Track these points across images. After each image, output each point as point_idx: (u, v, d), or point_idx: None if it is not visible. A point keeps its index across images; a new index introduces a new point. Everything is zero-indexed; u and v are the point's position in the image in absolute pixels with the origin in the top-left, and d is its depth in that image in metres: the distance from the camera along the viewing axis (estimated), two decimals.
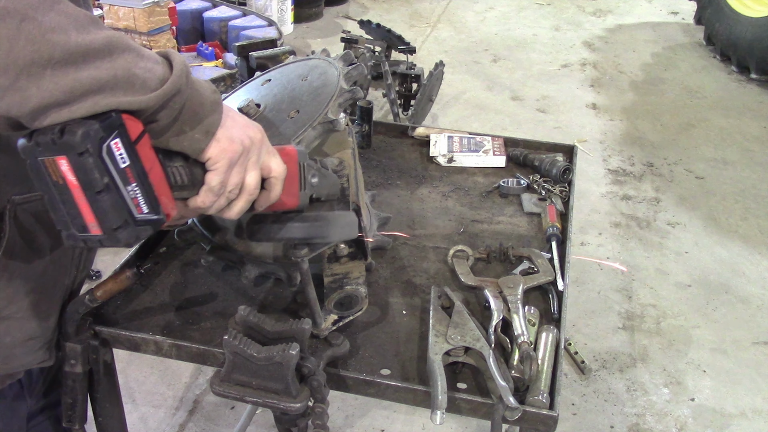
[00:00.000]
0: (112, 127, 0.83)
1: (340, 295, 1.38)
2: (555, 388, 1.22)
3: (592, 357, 2.95)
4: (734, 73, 5.74)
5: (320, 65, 1.46)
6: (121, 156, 0.84)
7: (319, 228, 1.14)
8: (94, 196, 0.83)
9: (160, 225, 0.91)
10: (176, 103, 0.89)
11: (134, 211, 0.87)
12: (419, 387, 1.23)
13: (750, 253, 3.66)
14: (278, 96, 1.42)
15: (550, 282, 1.49)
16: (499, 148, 2.01)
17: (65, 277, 1.28)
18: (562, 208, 1.77)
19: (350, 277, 1.40)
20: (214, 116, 0.95)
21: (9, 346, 1.21)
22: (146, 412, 2.63)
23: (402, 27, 6.43)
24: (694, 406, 2.76)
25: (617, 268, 3.42)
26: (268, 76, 1.54)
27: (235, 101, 1.44)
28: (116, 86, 0.82)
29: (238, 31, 4.74)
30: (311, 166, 1.14)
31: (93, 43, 0.80)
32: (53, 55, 0.77)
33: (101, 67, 0.81)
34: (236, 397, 1.18)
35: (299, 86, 1.42)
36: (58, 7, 0.79)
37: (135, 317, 1.39)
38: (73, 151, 0.80)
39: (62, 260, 1.26)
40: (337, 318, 1.33)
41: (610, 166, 4.41)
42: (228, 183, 0.99)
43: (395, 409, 2.64)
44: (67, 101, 0.79)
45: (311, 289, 1.27)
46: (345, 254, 1.40)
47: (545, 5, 7.29)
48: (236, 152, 0.97)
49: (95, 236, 0.86)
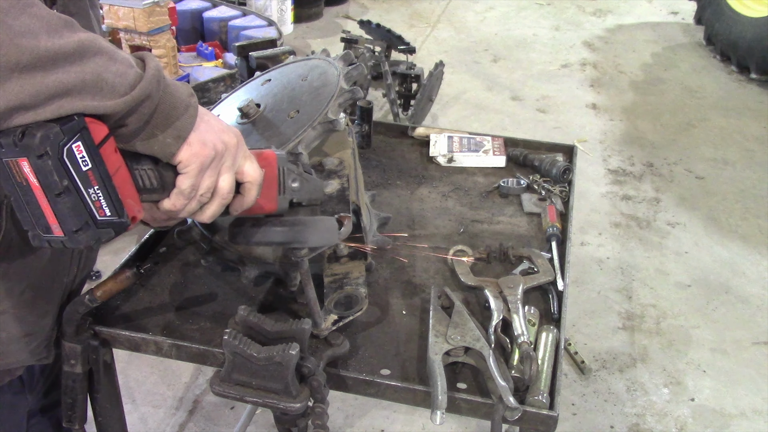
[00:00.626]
0: (74, 130, 0.83)
1: (340, 295, 1.37)
2: (555, 388, 1.22)
3: (592, 357, 2.95)
4: (734, 73, 5.74)
5: (320, 65, 1.46)
6: (83, 159, 0.85)
7: (298, 232, 1.14)
8: (55, 198, 0.84)
9: (124, 228, 0.92)
10: (146, 107, 0.89)
11: (96, 213, 0.87)
12: (419, 387, 1.23)
13: (750, 253, 3.66)
14: (278, 96, 1.42)
15: (550, 282, 1.49)
16: (499, 148, 2.01)
17: (64, 275, 1.28)
18: (562, 208, 1.77)
19: (350, 277, 1.40)
20: (187, 120, 0.95)
21: (5, 341, 1.21)
22: (146, 412, 2.63)
23: (402, 27, 6.43)
24: (694, 406, 2.76)
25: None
26: (268, 76, 1.54)
27: (235, 101, 1.44)
28: (83, 90, 0.83)
29: (238, 31, 4.74)
30: (292, 171, 1.14)
31: (64, 48, 0.80)
32: (21, 59, 0.77)
33: (70, 71, 0.81)
34: (236, 397, 1.18)
35: (299, 86, 1.42)
36: (30, 10, 0.79)
37: (135, 317, 1.39)
38: (32, 153, 0.81)
39: (61, 258, 1.26)
40: (337, 318, 1.33)
41: (610, 166, 4.41)
42: (200, 186, 0.99)
43: (395, 409, 2.64)
44: (33, 105, 0.80)
45: (311, 289, 1.27)
46: (345, 254, 1.40)
47: (545, 5, 7.29)
48: (208, 156, 0.97)
49: (58, 237, 0.87)
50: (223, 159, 1.00)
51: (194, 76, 4.16)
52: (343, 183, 1.33)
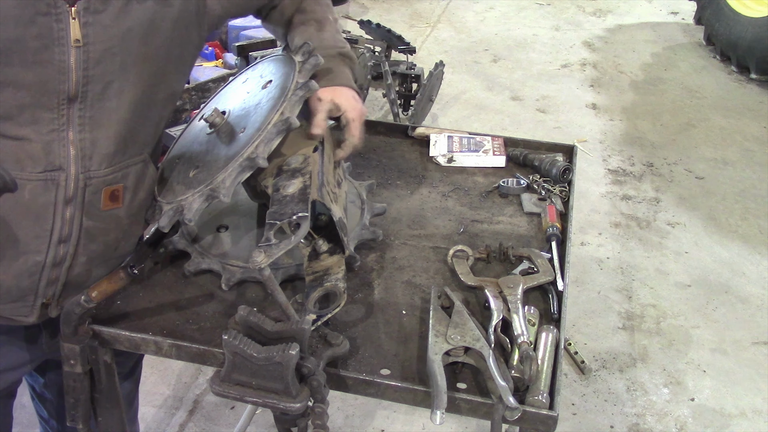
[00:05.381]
0: None
1: (319, 294, 1.36)
2: (555, 388, 1.22)
3: (592, 357, 2.95)
4: (734, 73, 5.74)
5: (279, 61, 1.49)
6: None
7: None
8: None
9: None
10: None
11: None
12: (419, 387, 1.23)
13: (750, 253, 3.66)
14: (243, 106, 1.44)
15: (550, 282, 1.49)
16: (499, 148, 2.01)
17: (26, 236, 1.27)
18: (562, 208, 1.77)
19: (330, 273, 1.39)
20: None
21: None
22: (146, 412, 2.63)
23: (402, 27, 6.43)
24: (694, 406, 2.76)
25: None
26: (244, 77, 1.56)
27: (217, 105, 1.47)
28: None
29: (238, 31, 4.73)
30: None
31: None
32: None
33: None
34: (236, 397, 1.19)
35: (258, 92, 1.43)
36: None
37: (135, 317, 1.39)
38: None
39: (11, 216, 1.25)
40: (315, 318, 1.32)
41: (610, 166, 4.41)
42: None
43: (395, 409, 2.64)
44: None
45: (279, 294, 1.25)
46: (324, 250, 1.39)
47: (545, 5, 7.29)
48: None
49: None
50: None
51: (194, 76, 4.15)
52: (305, 181, 1.33)
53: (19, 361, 1.49)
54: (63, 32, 1.16)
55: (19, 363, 1.49)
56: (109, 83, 1.24)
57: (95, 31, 1.19)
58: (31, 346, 1.48)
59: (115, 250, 1.41)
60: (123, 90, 1.26)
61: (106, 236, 1.36)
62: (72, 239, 1.30)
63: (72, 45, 1.17)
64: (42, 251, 1.28)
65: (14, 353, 1.47)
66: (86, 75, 1.20)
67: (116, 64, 1.23)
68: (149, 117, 1.36)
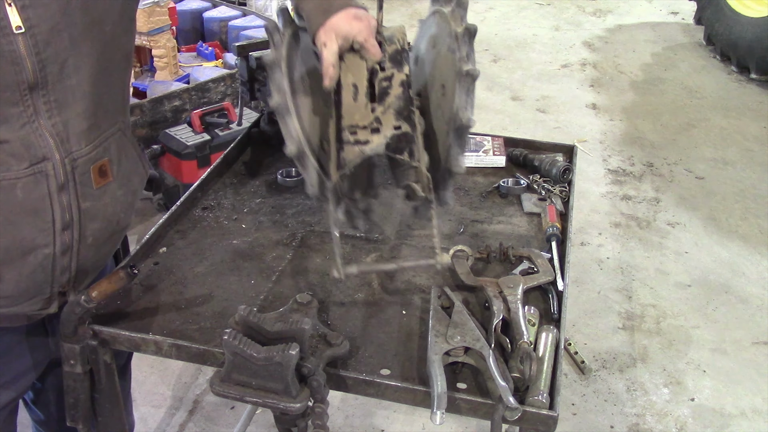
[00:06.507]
0: None
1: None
2: (555, 388, 1.22)
3: (592, 357, 2.95)
4: (734, 73, 5.74)
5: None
6: None
7: None
8: None
9: None
10: None
11: None
12: (419, 387, 1.23)
13: (750, 253, 3.66)
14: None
15: (550, 282, 1.49)
16: (499, 148, 2.01)
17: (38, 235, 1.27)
18: (562, 208, 1.77)
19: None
20: None
21: None
22: (146, 412, 2.63)
23: None
24: (694, 406, 2.76)
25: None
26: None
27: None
28: None
29: (238, 31, 4.73)
30: None
31: None
32: None
33: None
34: (236, 397, 1.18)
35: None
36: None
37: (135, 317, 1.39)
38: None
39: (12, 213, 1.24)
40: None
41: (610, 166, 4.41)
42: None
43: (395, 409, 2.64)
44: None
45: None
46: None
47: (545, 5, 7.29)
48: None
49: None
50: None
51: (194, 76, 4.15)
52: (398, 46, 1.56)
53: (27, 365, 1.48)
54: (4, 21, 1.12)
55: (26, 368, 1.48)
56: (64, 62, 1.21)
57: (36, 14, 1.15)
58: (36, 348, 1.48)
59: (117, 224, 1.42)
60: (79, 65, 1.24)
61: (105, 212, 1.37)
62: (74, 224, 1.30)
63: (15, 32, 1.14)
64: (49, 243, 1.28)
65: (24, 358, 1.46)
66: (40, 59, 1.17)
67: (65, 41, 1.20)
68: (112, 84, 1.34)
